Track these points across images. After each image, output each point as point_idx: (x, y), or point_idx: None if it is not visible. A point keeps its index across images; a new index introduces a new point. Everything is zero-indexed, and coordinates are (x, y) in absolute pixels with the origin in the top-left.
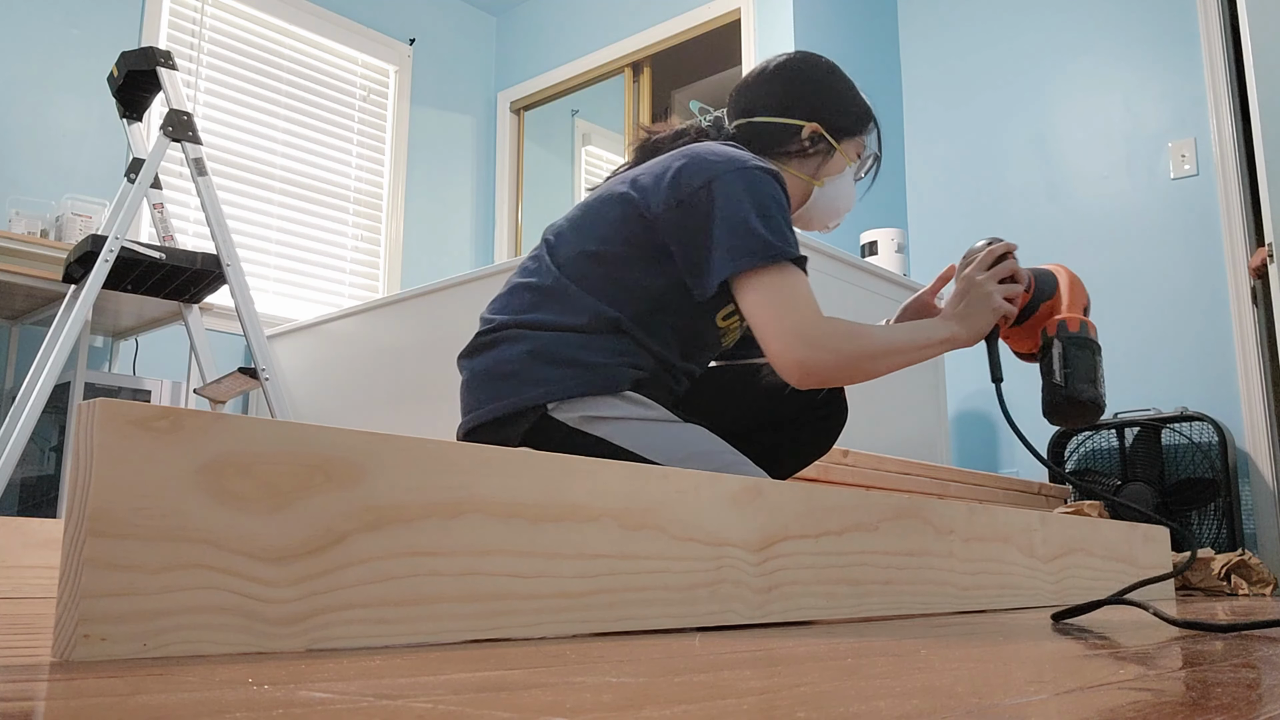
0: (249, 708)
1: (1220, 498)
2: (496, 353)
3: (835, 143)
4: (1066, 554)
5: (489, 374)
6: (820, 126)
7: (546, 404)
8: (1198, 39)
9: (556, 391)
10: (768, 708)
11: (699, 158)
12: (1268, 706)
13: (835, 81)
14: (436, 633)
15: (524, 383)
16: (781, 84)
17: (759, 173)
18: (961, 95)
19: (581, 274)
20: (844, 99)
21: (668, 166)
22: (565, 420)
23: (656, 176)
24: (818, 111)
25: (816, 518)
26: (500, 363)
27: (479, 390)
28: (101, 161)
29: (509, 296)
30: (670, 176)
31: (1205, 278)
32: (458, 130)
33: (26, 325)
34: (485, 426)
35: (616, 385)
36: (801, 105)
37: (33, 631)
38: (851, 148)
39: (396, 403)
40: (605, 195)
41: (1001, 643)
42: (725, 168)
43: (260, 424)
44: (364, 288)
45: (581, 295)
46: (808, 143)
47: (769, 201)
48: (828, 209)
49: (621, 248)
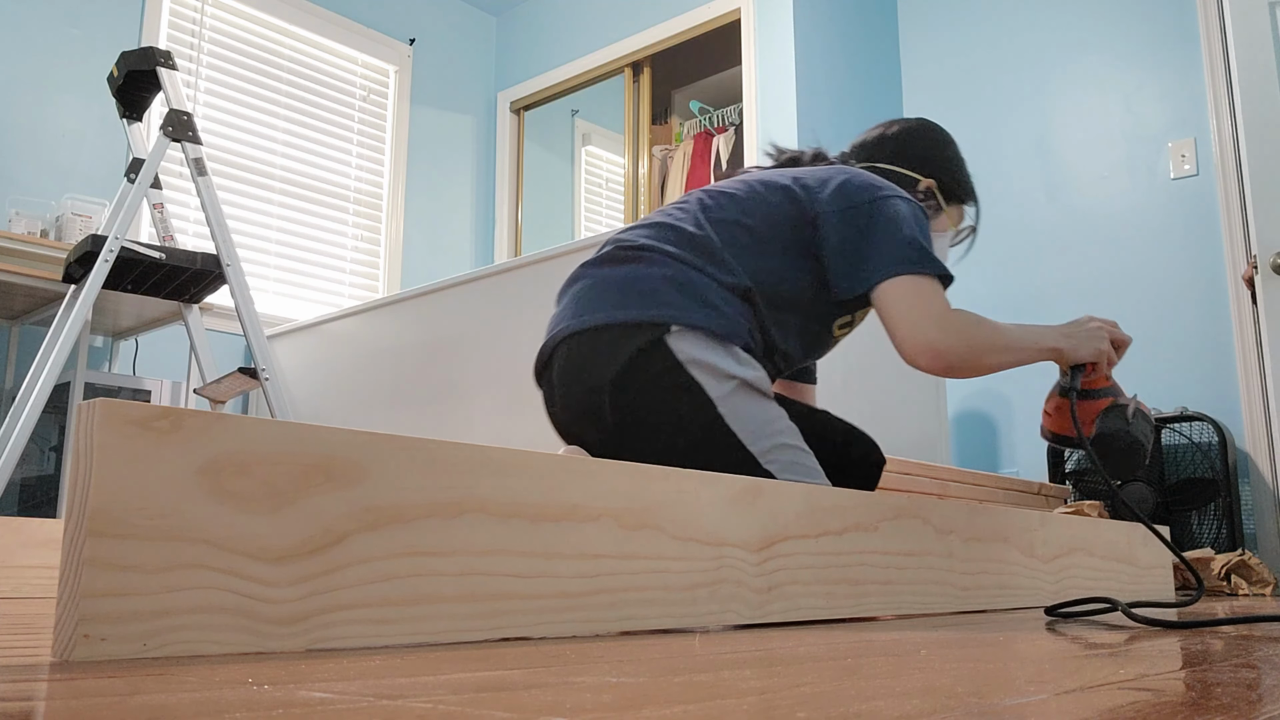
0: (249, 708)
1: (1220, 498)
2: (634, 267)
3: (945, 203)
4: (1066, 554)
5: (621, 283)
6: (935, 185)
7: (670, 325)
8: (1198, 39)
9: (682, 317)
10: (768, 708)
11: (863, 176)
12: (1268, 706)
13: (952, 151)
14: (436, 633)
15: (655, 302)
16: (905, 141)
17: (917, 205)
18: (961, 95)
19: (731, 239)
20: (958, 168)
21: (831, 176)
22: (675, 350)
23: (821, 181)
24: (935, 171)
25: (816, 518)
26: (636, 278)
27: (604, 296)
28: (101, 161)
29: (654, 228)
30: (836, 185)
31: (1205, 278)
32: (458, 130)
33: (26, 325)
34: (598, 330)
35: (736, 336)
36: (921, 163)
37: (33, 631)
38: (955, 213)
39: (396, 403)
40: (768, 180)
41: (1001, 643)
42: (890, 191)
43: (260, 424)
44: (364, 288)
45: (725, 255)
46: (922, 196)
47: (925, 226)
48: None
49: (773, 231)
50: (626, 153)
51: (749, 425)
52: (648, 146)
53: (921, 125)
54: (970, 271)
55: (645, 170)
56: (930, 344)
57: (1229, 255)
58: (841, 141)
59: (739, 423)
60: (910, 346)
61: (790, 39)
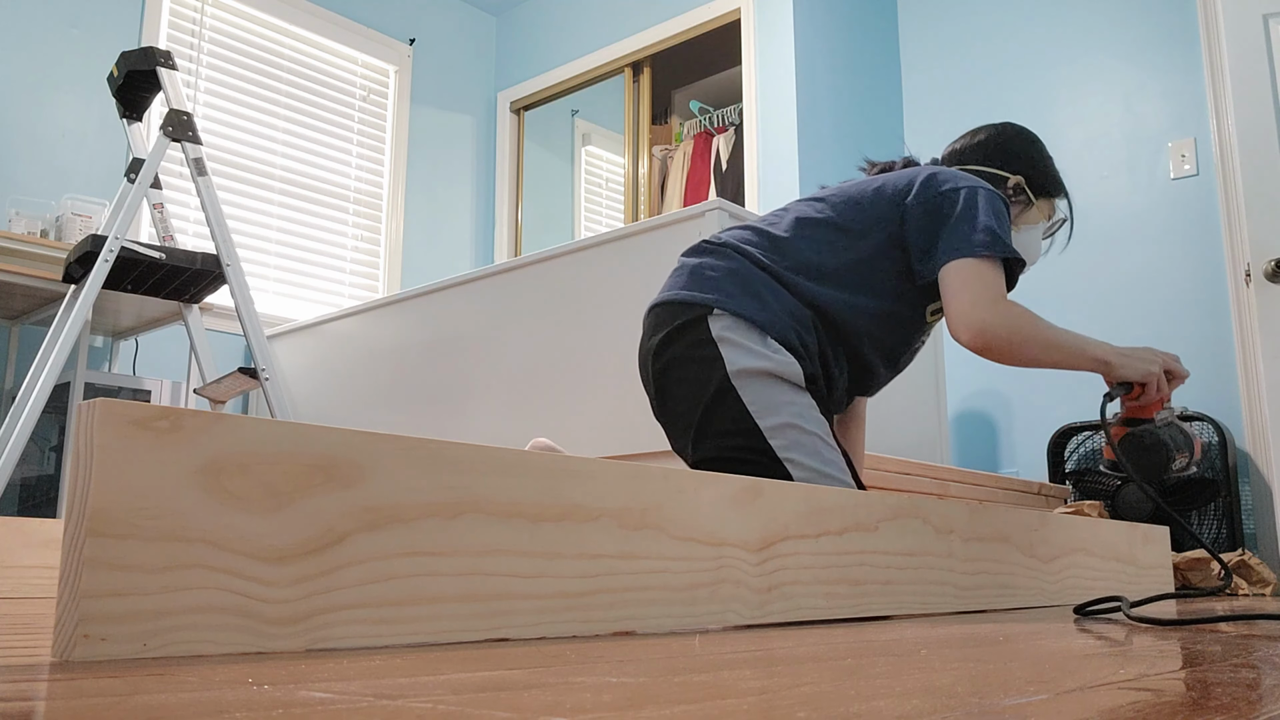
0: (249, 708)
1: (1220, 498)
2: (707, 259)
3: (1034, 197)
4: (1066, 554)
5: (693, 270)
6: (1023, 180)
7: (714, 307)
8: (1198, 39)
9: (726, 303)
10: (768, 708)
11: (947, 171)
12: (1268, 706)
13: (1038, 150)
14: (436, 633)
15: (710, 287)
16: (994, 142)
17: (996, 194)
18: (961, 95)
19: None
20: (1045, 164)
21: (917, 174)
22: (711, 327)
23: (909, 180)
24: (1023, 168)
25: (816, 518)
26: (704, 267)
27: (678, 279)
28: (101, 161)
29: (747, 230)
30: (923, 179)
31: (1205, 278)
32: (457, 130)
33: (26, 325)
34: (665, 305)
35: (773, 328)
36: (1010, 161)
37: (33, 631)
38: (1046, 207)
39: (396, 403)
40: (862, 184)
41: (1001, 643)
42: (970, 182)
43: (260, 424)
44: (364, 288)
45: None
46: (1011, 191)
47: (1002, 215)
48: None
49: (865, 227)
50: (626, 153)
51: (760, 400)
52: (648, 146)
53: (1007, 127)
54: None
55: (645, 170)
56: (978, 322)
57: (1229, 255)
58: (841, 141)
59: (751, 395)
60: (958, 321)
61: (790, 39)
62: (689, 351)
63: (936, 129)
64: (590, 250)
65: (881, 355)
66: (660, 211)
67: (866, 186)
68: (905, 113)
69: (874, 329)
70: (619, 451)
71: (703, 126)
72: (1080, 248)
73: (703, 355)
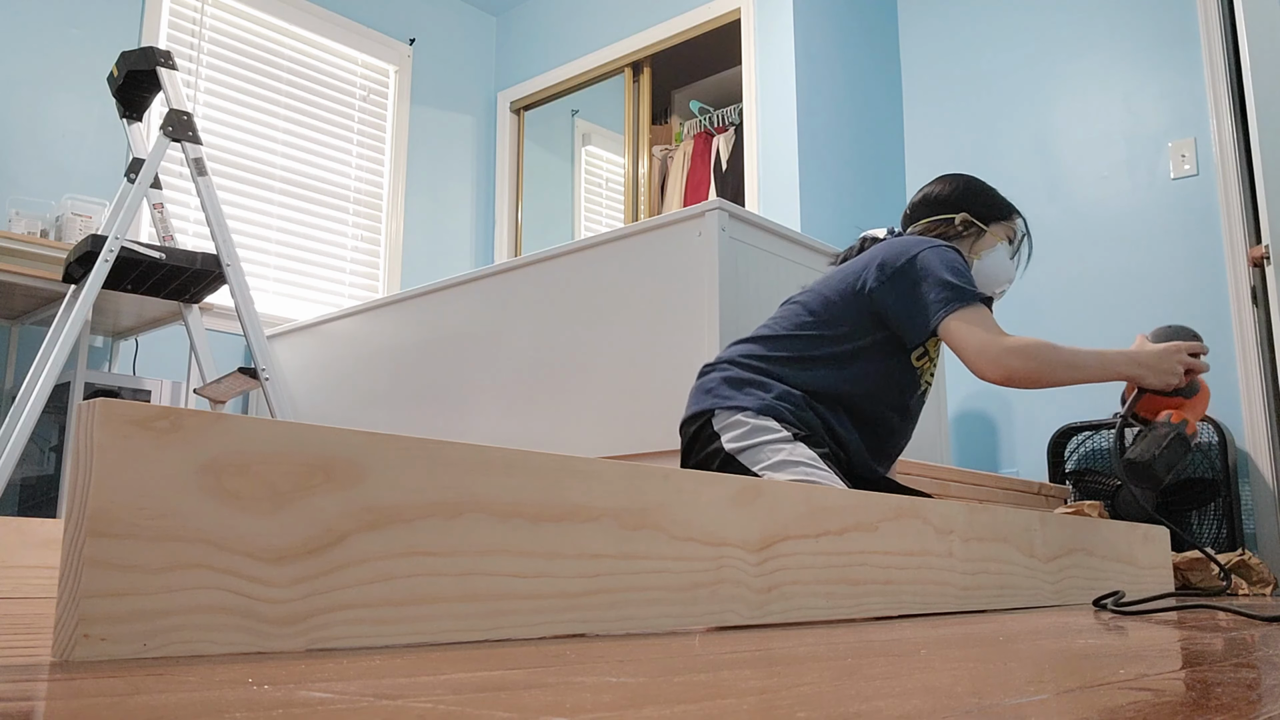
0: (249, 708)
1: (1220, 498)
2: (708, 376)
3: (984, 226)
4: (1066, 554)
5: (697, 389)
6: (968, 214)
7: (715, 410)
8: (1198, 39)
9: (724, 404)
10: (768, 708)
11: (895, 245)
12: (1268, 706)
13: (974, 185)
14: (436, 633)
15: (711, 396)
16: (933, 194)
17: (944, 247)
18: (962, 95)
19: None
20: (984, 195)
21: (872, 258)
22: (714, 424)
23: (865, 265)
24: (964, 205)
25: (816, 518)
26: (706, 383)
27: (690, 399)
28: (101, 161)
29: (737, 344)
30: (876, 265)
31: (1205, 278)
32: (457, 130)
33: (26, 325)
34: (683, 425)
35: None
36: (950, 204)
37: (33, 631)
38: (1001, 229)
39: (396, 403)
40: (829, 279)
41: (1001, 643)
42: (917, 248)
43: (260, 424)
44: (364, 288)
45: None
46: (961, 228)
47: (956, 264)
48: (989, 278)
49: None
50: (626, 153)
51: (755, 456)
52: (648, 146)
53: (943, 177)
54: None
55: (645, 170)
56: (992, 364)
57: (1229, 255)
58: (841, 141)
59: (748, 457)
60: (978, 370)
61: (790, 39)
62: (702, 451)
63: (936, 128)
64: (590, 250)
65: (888, 405)
66: (660, 211)
67: (837, 283)
68: (905, 112)
69: (872, 389)
70: (619, 451)
71: (703, 126)
72: (1080, 248)
73: (711, 449)
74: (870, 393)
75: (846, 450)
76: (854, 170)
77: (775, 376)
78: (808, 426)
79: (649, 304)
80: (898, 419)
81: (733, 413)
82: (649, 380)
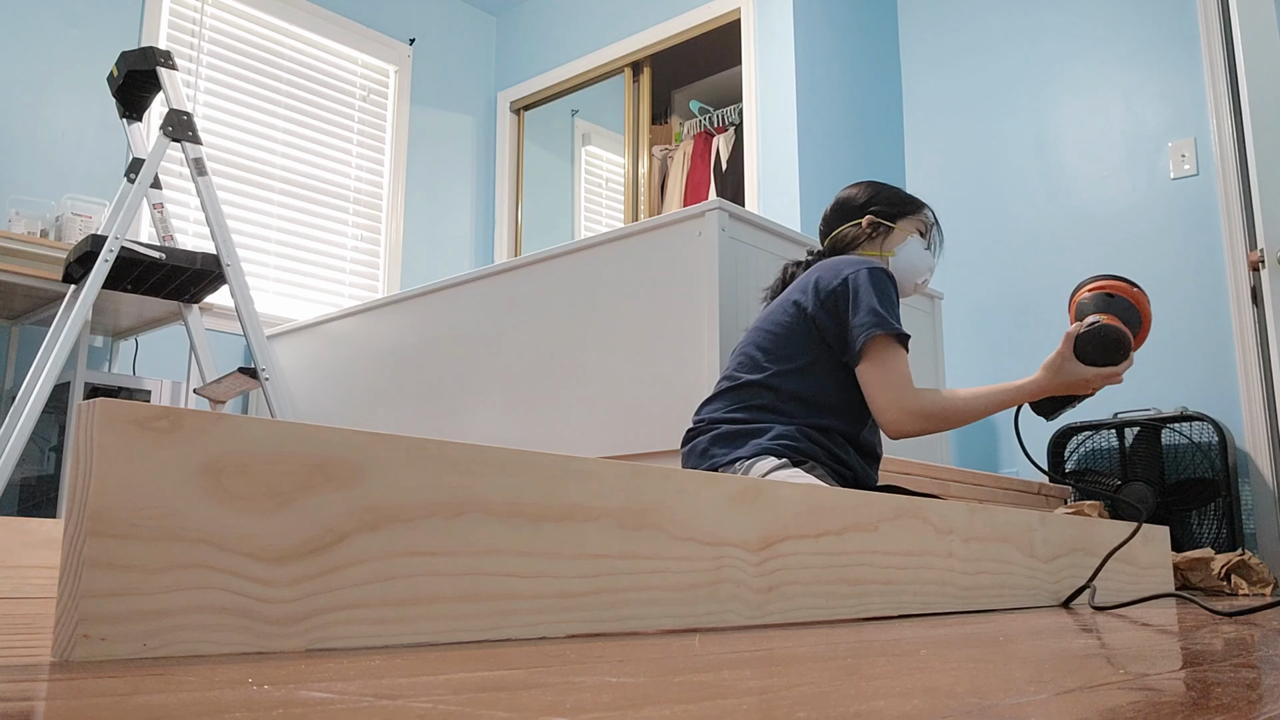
0: (249, 708)
1: (1220, 498)
2: (698, 440)
3: (892, 223)
4: (1066, 554)
5: (687, 453)
6: (873, 215)
7: (716, 470)
8: (1198, 39)
9: (720, 460)
10: (768, 708)
11: (829, 266)
12: (1268, 706)
13: (874, 187)
14: (436, 633)
15: (705, 457)
16: (836, 207)
17: (876, 270)
18: (962, 95)
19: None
20: (885, 193)
21: (809, 280)
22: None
23: (803, 288)
24: (867, 207)
25: (816, 518)
26: (696, 446)
27: (685, 462)
28: (101, 161)
29: (708, 402)
30: (813, 286)
31: (1205, 278)
32: (457, 130)
33: (26, 325)
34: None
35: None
36: (854, 210)
37: (33, 631)
38: (910, 223)
39: (396, 403)
40: (770, 312)
41: (1002, 643)
42: (852, 267)
43: (260, 424)
44: (364, 288)
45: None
46: (870, 230)
47: (887, 288)
48: (909, 270)
49: (794, 348)
50: (626, 153)
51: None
52: (648, 146)
53: (849, 185)
54: (971, 272)
55: (645, 170)
56: (897, 425)
57: (1229, 255)
58: (841, 140)
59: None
60: (882, 422)
61: (790, 39)
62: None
63: (936, 128)
64: (590, 250)
65: (864, 411)
66: (660, 211)
67: (779, 315)
68: (905, 112)
69: (845, 397)
70: (619, 451)
71: (703, 126)
72: (1081, 248)
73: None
74: (846, 401)
75: (851, 469)
76: (854, 170)
77: (764, 421)
78: (810, 456)
79: (649, 304)
80: (871, 420)
81: (733, 465)
82: (649, 380)
